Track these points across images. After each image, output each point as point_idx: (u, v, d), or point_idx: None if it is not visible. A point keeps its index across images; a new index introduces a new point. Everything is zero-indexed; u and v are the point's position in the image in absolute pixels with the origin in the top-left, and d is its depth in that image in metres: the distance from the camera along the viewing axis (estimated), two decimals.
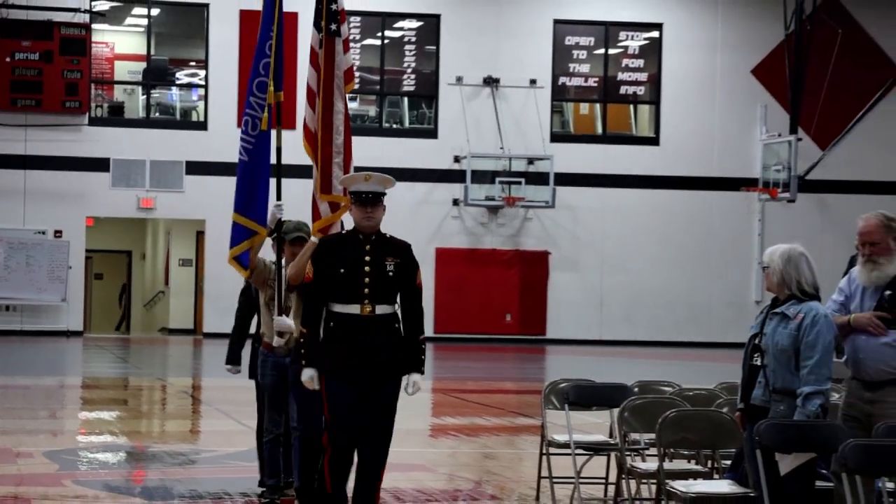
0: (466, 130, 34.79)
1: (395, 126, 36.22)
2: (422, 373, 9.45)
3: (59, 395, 22.96)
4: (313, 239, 10.79)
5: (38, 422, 18.67)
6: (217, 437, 17.52)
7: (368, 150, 34.12)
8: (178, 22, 36.60)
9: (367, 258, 9.31)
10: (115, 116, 35.65)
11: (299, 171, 13.13)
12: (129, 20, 36.43)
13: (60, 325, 34.37)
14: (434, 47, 35.93)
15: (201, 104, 35.58)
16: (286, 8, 34.42)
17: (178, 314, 38.05)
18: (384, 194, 9.44)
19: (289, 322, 10.84)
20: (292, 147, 13.20)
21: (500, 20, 35.26)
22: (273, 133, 11.35)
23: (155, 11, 35.76)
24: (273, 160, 11.35)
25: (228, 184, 35.99)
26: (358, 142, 11.85)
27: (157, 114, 36.19)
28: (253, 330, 12.21)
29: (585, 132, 36.86)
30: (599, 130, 36.86)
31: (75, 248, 34.60)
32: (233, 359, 12.47)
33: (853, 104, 35.09)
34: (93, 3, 34.55)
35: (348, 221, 10.01)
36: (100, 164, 34.32)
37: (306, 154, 11.28)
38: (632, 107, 37.33)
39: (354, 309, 9.27)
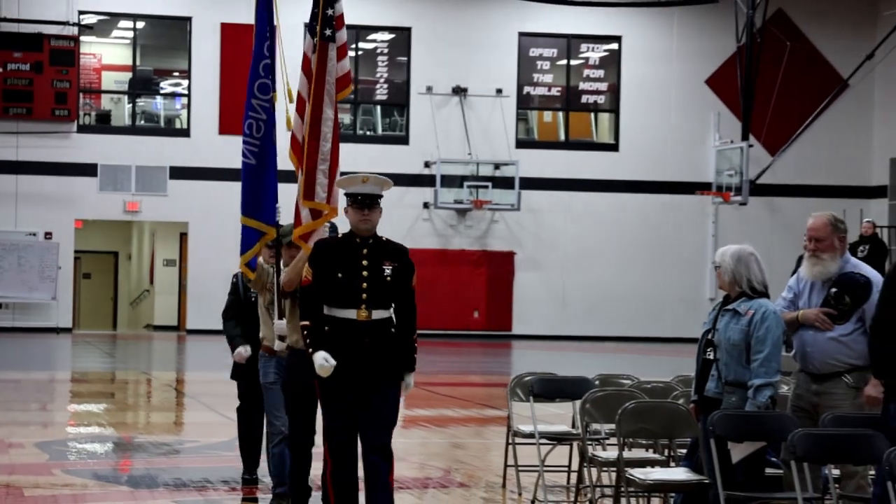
0: (436, 137, 34.81)
1: (368, 133, 36.22)
2: (413, 370, 9.00)
3: (49, 388, 22.90)
4: (309, 244, 10.02)
5: (29, 414, 18.64)
6: (200, 428, 17.49)
7: (343, 156, 34.01)
8: (162, 34, 36.52)
9: (365, 262, 8.82)
10: (103, 124, 35.58)
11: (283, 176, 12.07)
12: (115, 33, 36.34)
13: (50, 323, 34.30)
14: (405, 58, 35.94)
15: (184, 112, 35.52)
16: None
17: (163, 312, 38.02)
18: (381, 196, 8.97)
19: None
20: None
21: (468, 33, 35.27)
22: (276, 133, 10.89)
23: (140, 24, 35.73)
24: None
25: (210, 188, 36.35)
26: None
27: (143, 121, 36.12)
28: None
29: (549, 139, 36.91)
30: (562, 137, 36.90)
31: (65, 249, 34.57)
32: (237, 345, 11.71)
33: (801, 112, 35.20)
34: (81, 17, 34.45)
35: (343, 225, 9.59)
36: (88, 170, 34.24)
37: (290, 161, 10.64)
38: (592, 115, 37.38)
39: (351, 314, 8.76)
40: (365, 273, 8.77)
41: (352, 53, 35.90)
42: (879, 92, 35.96)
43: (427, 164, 35.10)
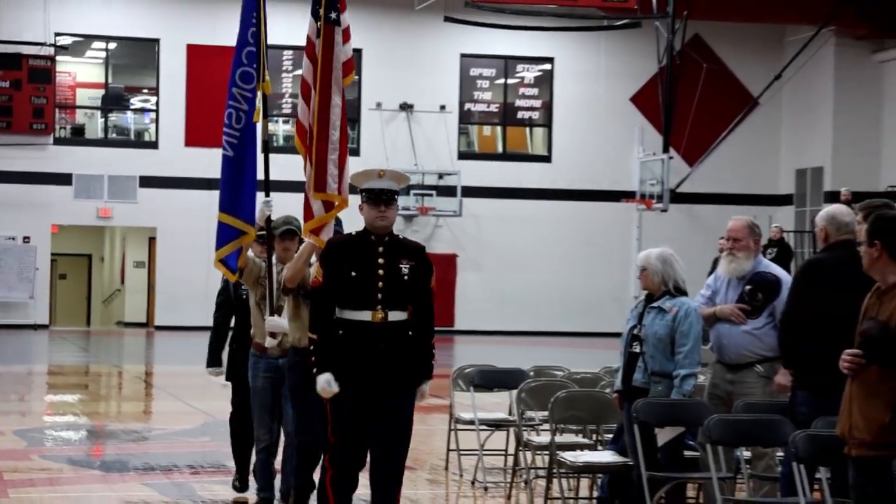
0: (385, 149, 34.78)
1: (300, 154, 36.06)
2: (430, 378, 7.91)
3: (28, 380, 22.78)
4: (308, 240, 8.96)
5: (8, 404, 18.51)
6: (167, 416, 17.44)
7: (300, 167, 34.02)
8: (132, 54, 36.35)
9: (381, 261, 7.69)
10: (77, 137, 35.38)
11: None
12: (89, 53, 36.16)
13: (28, 320, 34.10)
14: (357, 77, 35.89)
15: (153, 126, 35.37)
16: (227, 41, 33.69)
17: (133, 310, 37.82)
18: (398, 192, 7.92)
19: (281, 322, 9.16)
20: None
21: (415, 54, 35.27)
22: (259, 126, 9.68)
23: (112, 45, 35.55)
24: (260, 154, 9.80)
25: (177, 196, 36.10)
26: (292, 159, 11.44)
27: (114, 134, 35.92)
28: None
29: (488, 151, 36.97)
30: (500, 149, 36.99)
31: (42, 251, 34.38)
32: (214, 361, 10.64)
33: (716, 127, 35.38)
34: (57, 38, 34.24)
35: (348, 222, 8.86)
36: (63, 179, 34.06)
37: (297, 149, 9.44)
38: (528, 129, 37.45)
39: (366, 315, 7.60)
40: (381, 272, 7.67)
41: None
42: (786, 109, 36.23)
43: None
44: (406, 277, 7.72)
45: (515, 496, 10.89)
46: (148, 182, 34.40)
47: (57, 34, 34.32)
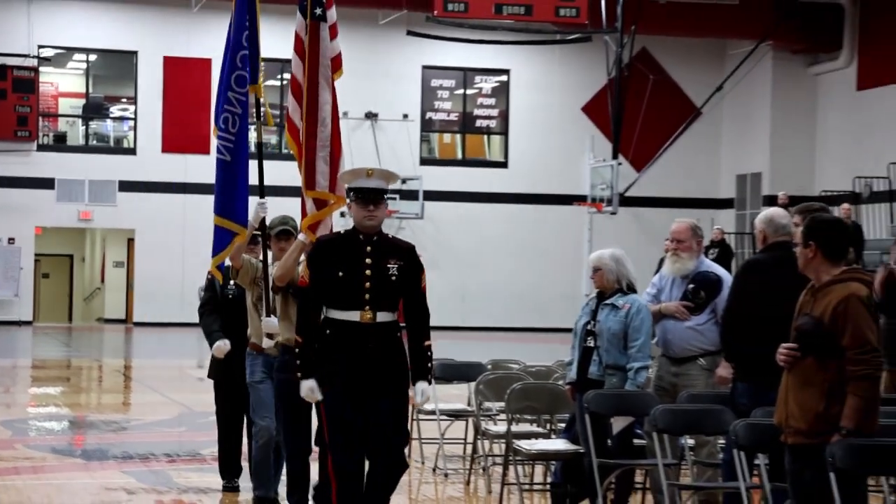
0: (351, 156, 34.66)
1: (291, 152, 36.01)
2: (430, 381, 7.42)
3: (12, 373, 22.64)
4: (301, 237, 8.36)
5: None
6: (144, 408, 17.38)
7: (272, 173, 33.89)
8: (111, 66, 36.15)
9: (369, 261, 7.18)
10: (59, 144, 35.22)
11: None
12: (70, 64, 35.95)
13: (13, 317, 33.93)
14: None
15: (131, 133, 35.20)
16: (201, 53, 33.19)
17: (113, 307, 37.65)
18: (387, 191, 7.33)
19: (278, 323, 8.60)
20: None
21: (379, 66, 35.19)
22: (252, 129, 9.19)
23: (92, 57, 35.36)
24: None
25: (154, 199, 35.96)
26: (266, 166, 11.22)
27: (95, 141, 35.77)
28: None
29: (448, 157, 36.97)
30: (459, 156, 37.00)
31: (26, 252, 34.22)
32: (216, 339, 9.72)
33: (662, 135, 35.45)
34: (40, 50, 34.11)
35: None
36: (46, 183, 33.85)
37: (289, 147, 8.92)
38: (485, 136, 37.46)
39: (354, 316, 7.10)
40: (368, 272, 7.15)
41: (277, 83, 35.75)
42: (727, 119, 36.36)
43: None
44: (394, 278, 7.22)
45: (474, 482, 10.91)
46: (126, 186, 34.26)
47: (40, 46, 34.19)
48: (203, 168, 34.43)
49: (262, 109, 9.21)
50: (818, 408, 6.54)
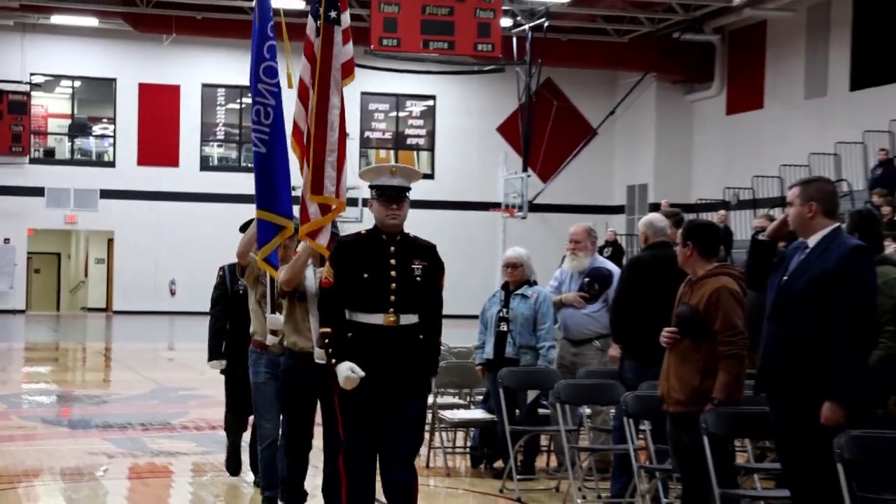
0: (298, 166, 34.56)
1: (249, 165, 35.79)
2: (435, 373, 6.27)
3: (8, 355, 22.36)
4: (303, 244, 7.08)
5: None
6: (122, 384, 17.22)
7: (232, 183, 33.80)
8: (94, 90, 35.73)
9: (393, 261, 5.99)
10: (49, 157, 34.85)
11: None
12: (58, 89, 35.55)
13: (8, 306, 33.52)
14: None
15: (111, 149, 34.85)
16: (171, 80, 32.95)
17: (95, 297, 37.38)
18: (409, 189, 6.18)
19: (282, 320, 7.24)
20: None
21: None
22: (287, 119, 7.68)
23: (77, 83, 34.96)
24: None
25: (131, 205, 35.63)
26: (224, 176, 11.16)
27: (79, 156, 35.37)
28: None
29: None
30: None
31: (20, 251, 33.85)
32: (215, 355, 8.80)
33: (564, 152, 35.59)
34: (32, 77, 33.75)
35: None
36: (37, 191, 33.52)
37: (293, 150, 7.55)
38: (415, 152, 37.44)
39: (378, 319, 5.88)
40: (393, 273, 5.96)
41: (237, 107, 35.54)
42: (618, 138, 36.59)
43: (293, 187, 34.71)
44: (419, 278, 6.01)
45: None
46: (107, 194, 33.96)
47: (32, 74, 33.84)
48: (173, 179, 34.21)
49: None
50: (694, 382, 6.61)
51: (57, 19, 31.97)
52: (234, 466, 9.20)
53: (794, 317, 5.80)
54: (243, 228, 8.05)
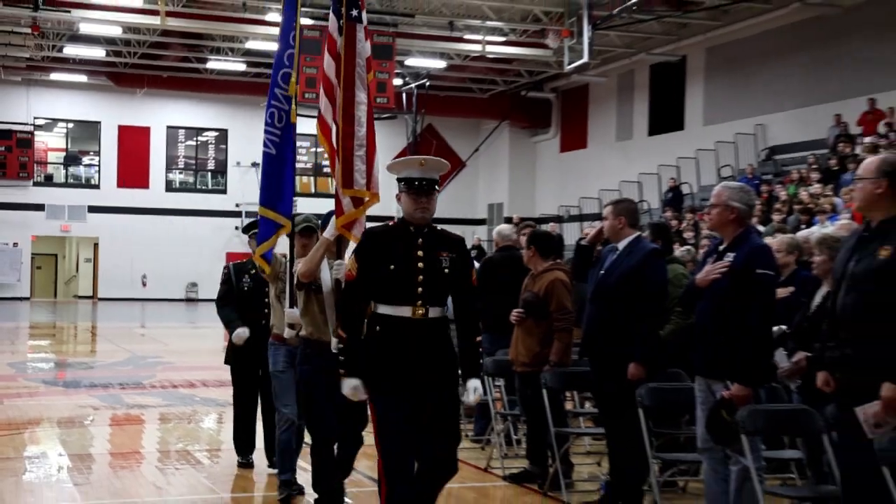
0: (242, 191, 34.11)
1: (203, 188, 35.23)
2: (479, 377, 4.60)
3: (15, 332, 21.67)
4: (325, 234, 5.63)
5: (2, 346, 17.60)
6: (105, 353, 16.82)
7: (189, 201, 33.25)
8: (83, 130, 34.73)
9: (420, 253, 4.53)
10: (48, 182, 33.84)
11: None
12: (56, 129, 34.56)
13: (16, 294, 32.57)
14: (224, 145, 35.11)
15: (97, 175, 33.98)
16: (144, 123, 32.22)
17: (84, 287, 36.48)
18: (438, 182, 4.82)
19: (298, 313, 5.78)
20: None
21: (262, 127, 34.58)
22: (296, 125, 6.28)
23: (70, 125, 34.06)
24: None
25: (112, 218, 34.79)
26: (184, 196, 10.97)
27: (72, 180, 34.41)
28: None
29: (305, 192, 36.53)
30: (313, 191, 36.62)
31: (25, 252, 32.89)
32: (235, 328, 7.00)
33: (441, 179, 35.66)
34: (35, 120, 32.86)
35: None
36: (39, 207, 32.64)
37: (321, 146, 6.00)
38: (329, 179, 37.10)
39: (405, 311, 4.40)
40: (421, 265, 4.49)
41: (193, 143, 34.93)
42: (482, 168, 36.81)
43: (237, 205, 34.34)
44: (447, 270, 4.52)
45: None
46: (93, 209, 33.21)
47: (35, 117, 32.94)
48: (145, 197, 33.52)
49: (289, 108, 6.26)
50: (536, 349, 6.67)
51: (55, 76, 31.29)
52: (244, 447, 7.35)
53: (608, 301, 5.88)
54: (247, 230, 7.04)
